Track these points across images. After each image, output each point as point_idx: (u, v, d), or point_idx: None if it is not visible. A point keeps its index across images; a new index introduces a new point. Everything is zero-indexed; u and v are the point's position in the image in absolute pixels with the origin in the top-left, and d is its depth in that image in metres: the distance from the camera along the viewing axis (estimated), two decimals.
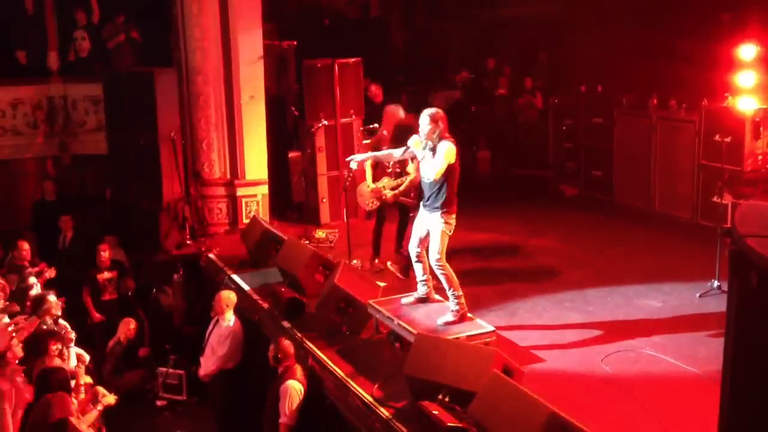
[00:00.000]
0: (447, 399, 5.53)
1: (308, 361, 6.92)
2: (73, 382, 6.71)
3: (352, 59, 10.97)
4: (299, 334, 7.27)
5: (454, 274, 6.78)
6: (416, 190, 8.18)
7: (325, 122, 10.59)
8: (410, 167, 8.36)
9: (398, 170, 8.52)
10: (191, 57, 10.69)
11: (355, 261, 8.77)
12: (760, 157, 9.62)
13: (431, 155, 6.62)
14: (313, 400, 6.70)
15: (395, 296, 7.30)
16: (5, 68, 11.83)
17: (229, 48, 10.63)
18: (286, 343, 6.87)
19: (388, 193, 8.50)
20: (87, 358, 7.67)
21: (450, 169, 6.59)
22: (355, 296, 7.23)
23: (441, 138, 6.60)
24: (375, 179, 8.60)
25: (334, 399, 6.48)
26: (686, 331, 7.06)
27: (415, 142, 6.73)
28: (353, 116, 10.89)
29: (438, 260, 6.70)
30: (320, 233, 10.20)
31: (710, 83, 10.17)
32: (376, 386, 6.19)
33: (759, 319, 3.24)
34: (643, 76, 11.65)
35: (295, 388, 6.59)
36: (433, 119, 6.60)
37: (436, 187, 6.64)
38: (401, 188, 8.43)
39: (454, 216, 6.72)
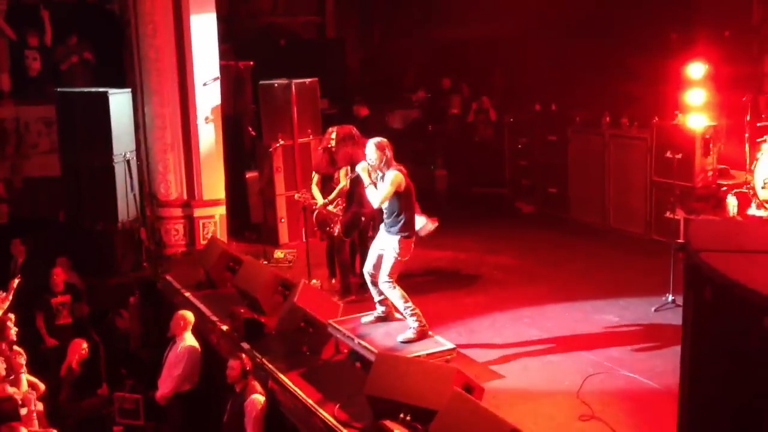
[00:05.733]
0: (408, 418, 5.53)
1: (268, 382, 6.87)
2: (25, 410, 6.57)
3: (309, 79, 10.98)
4: (259, 356, 7.21)
5: (403, 292, 6.82)
6: (344, 199, 8.44)
7: (282, 142, 10.58)
8: (342, 177, 8.47)
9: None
10: (146, 78, 10.61)
11: (314, 281, 8.76)
12: (710, 173, 9.83)
13: (377, 183, 6.76)
14: (274, 421, 6.66)
15: (355, 315, 7.30)
16: None
17: (185, 68, 10.58)
18: (245, 358, 6.94)
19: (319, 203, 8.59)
20: (42, 387, 7.51)
21: (401, 195, 6.70)
22: (315, 316, 7.20)
23: (388, 166, 6.70)
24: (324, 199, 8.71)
25: (296, 420, 6.44)
26: (643, 345, 7.15)
27: (362, 168, 6.84)
28: (311, 136, 10.89)
29: (387, 282, 6.79)
30: (279, 253, 10.17)
31: (661, 100, 10.39)
32: (337, 407, 6.16)
33: (714, 331, 3.31)
34: (596, 93, 11.85)
35: (259, 401, 6.65)
36: (379, 148, 6.74)
37: (391, 212, 6.76)
38: (331, 196, 8.50)
39: (411, 242, 6.81)
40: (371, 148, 6.78)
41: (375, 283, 7.03)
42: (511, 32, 13.48)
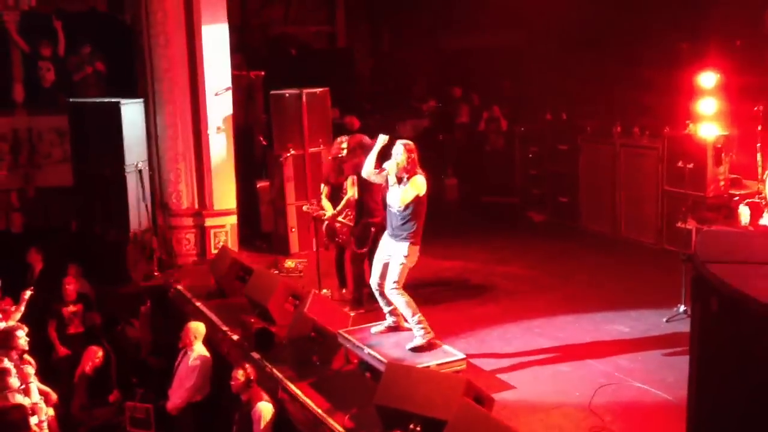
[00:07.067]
0: (418, 428, 5.52)
1: (278, 392, 6.88)
2: (35, 419, 6.59)
3: (320, 89, 11.01)
4: (269, 366, 7.22)
5: (411, 300, 6.82)
6: (353, 210, 8.45)
7: (293, 152, 10.60)
8: (348, 187, 8.50)
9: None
10: (158, 88, 10.68)
11: (325, 290, 8.76)
12: (722, 183, 9.80)
13: (400, 185, 6.72)
14: (284, 431, 6.66)
15: (365, 325, 7.31)
16: None
17: (196, 78, 10.63)
18: (249, 367, 6.93)
19: (327, 214, 8.62)
20: (54, 397, 7.54)
21: (419, 201, 6.69)
22: (325, 326, 7.21)
23: (413, 170, 6.70)
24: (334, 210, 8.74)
25: (305, 430, 6.44)
26: (654, 356, 7.12)
27: (391, 167, 6.83)
28: (321, 145, 10.90)
29: (394, 288, 6.77)
30: (289, 263, 10.17)
31: (672, 110, 10.36)
32: (347, 416, 6.16)
33: (720, 342, 3.30)
34: (607, 103, 11.84)
35: (266, 410, 6.65)
36: (408, 149, 6.73)
37: (406, 218, 6.72)
38: (339, 207, 8.53)
39: (418, 248, 6.79)
40: (400, 148, 6.76)
41: (383, 294, 7.02)
42: (522, 41, 13.49)
